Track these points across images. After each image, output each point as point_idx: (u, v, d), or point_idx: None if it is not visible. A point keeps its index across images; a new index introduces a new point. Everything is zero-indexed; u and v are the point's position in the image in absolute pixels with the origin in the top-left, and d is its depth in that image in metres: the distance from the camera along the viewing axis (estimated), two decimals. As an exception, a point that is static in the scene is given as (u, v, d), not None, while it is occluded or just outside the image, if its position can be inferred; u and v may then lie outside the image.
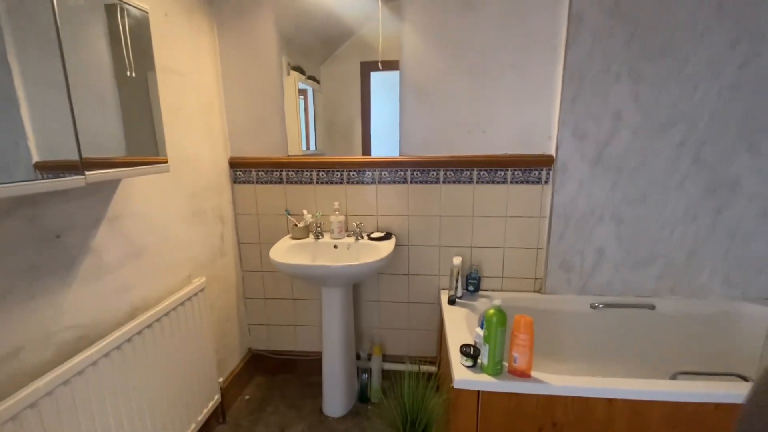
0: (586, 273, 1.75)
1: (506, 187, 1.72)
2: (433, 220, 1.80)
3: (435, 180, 1.76)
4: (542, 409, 1.20)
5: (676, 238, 1.68)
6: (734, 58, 1.51)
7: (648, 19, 1.50)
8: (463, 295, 1.76)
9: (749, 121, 1.55)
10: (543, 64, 1.61)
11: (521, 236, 1.77)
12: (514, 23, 1.58)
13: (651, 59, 1.53)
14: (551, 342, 1.74)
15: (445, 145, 1.73)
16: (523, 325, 1.18)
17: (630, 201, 1.66)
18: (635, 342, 1.71)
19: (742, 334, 1.64)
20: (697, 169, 1.61)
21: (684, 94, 1.55)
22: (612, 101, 1.57)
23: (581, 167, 1.64)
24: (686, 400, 1.15)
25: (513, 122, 1.67)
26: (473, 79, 1.65)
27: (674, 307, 1.70)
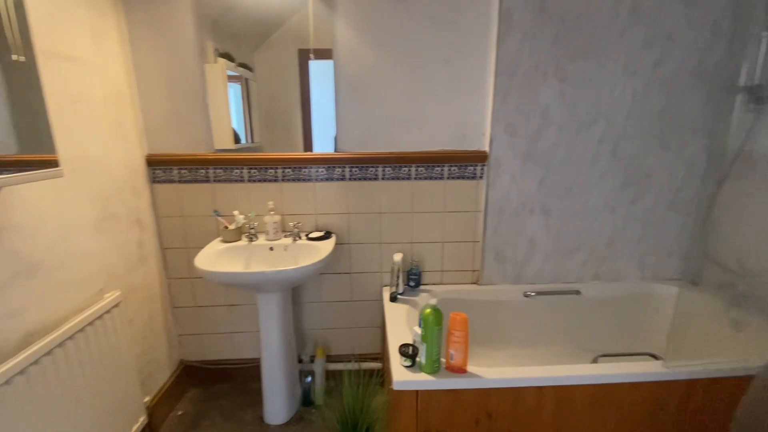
0: (519, 263, 1.83)
1: (444, 182, 1.73)
2: (373, 217, 1.77)
3: (374, 177, 1.72)
4: (478, 402, 1.24)
5: (598, 227, 1.81)
6: (648, 59, 1.62)
7: (572, 19, 1.56)
8: (405, 291, 1.77)
9: (661, 118, 1.69)
10: (476, 61, 1.62)
11: (459, 230, 1.80)
12: (447, 18, 1.57)
13: (575, 58, 1.60)
14: (489, 331, 1.81)
15: (383, 141, 1.70)
16: (458, 322, 1.20)
17: (557, 194, 1.75)
18: (564, 326, 1.83)
19: (654, 312, 1.82)
20: (615, 164, 1.73)
21: (603, 93, 1.64)
22: (540, 99, 1.63)
23: (513, 162, 1.70)
24: (605, 382, 1.24)
25: (448, 118, 1.68)
26: (408, 73, 1.63)
27: (597, 292, 1.83)
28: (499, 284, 1.84)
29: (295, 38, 1.63)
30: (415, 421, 1.23)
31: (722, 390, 1.28)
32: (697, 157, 1.74)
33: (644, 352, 1.50)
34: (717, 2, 1.58)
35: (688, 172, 1.76)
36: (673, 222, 1.82)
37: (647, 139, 1.71)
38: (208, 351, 1.89)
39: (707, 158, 1.75)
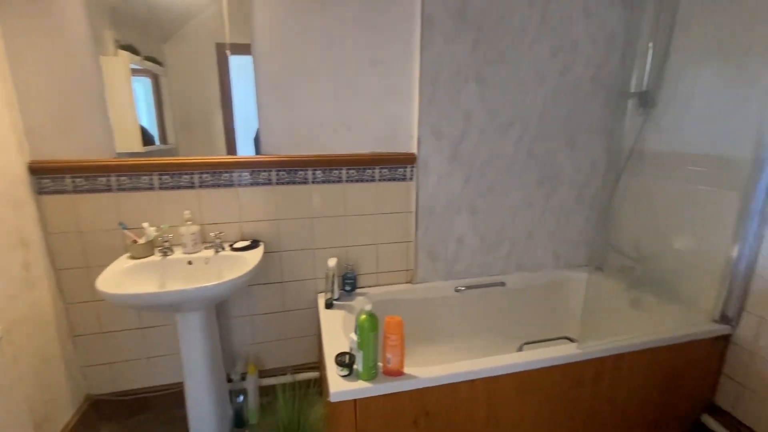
0: (449, 260, 1.89)
1: (375, 185, 1.73)
2: (305, 222, 1.70)
3: (303, 180, 1.66)
4: (416, 402, 1.25)
5: (518, 222, 1.94)
6: (555, 67, 1.76)
7: (489, 26, 1.63)
8: (341, 296, 1.73)
9: (568, 120, 1.85)
10: (402, 64, 1.63)
11: (392, 232, 1.81)
12: (371, 20, 1.56)
13: (492, 64, 1.68)
14: (424, 328, 1.85)
15: (312, 144, 1.64)
16: (393, 326, 1.20)
17: (481, 193, 1.84)
18: (492, 317, 1.94)
19: (568, 297, 2.00)
20: (531, 162, 1.87)
21: (518, 97, 1.75)
22: (462, 102, 1.69)
23: (440, 164, 1.74)
24: (529, 368, 1.33)
25: (377, 121, 1.67)
26: (335, 75, 1.58)
27: (519, 282, 1.97)
28: (432, 282, 1.89)
29: (211, 31, 1.50)
30: (355, 430, 1.21)
31: (626, 364, 1.44)
32: (599, 155, 1.95)
33: (562, 336, 1.64)
34: (612, 16, 1.77)
35: (592, 169, 1.96)
36: (580, 214, 2.01)
37: (557, 140, 1.86)
38: (121, 381, 1.68)
39: (607, 156, 1.96)
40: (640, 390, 1.51)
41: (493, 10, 1.62)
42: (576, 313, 1.83)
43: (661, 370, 1.51)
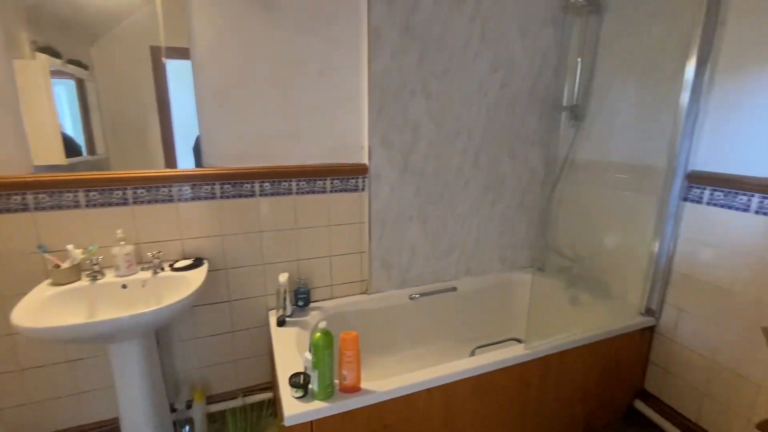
0: (403, 269, 1.92)
1: (327, 196, 1.70)
2: (253, 237, 1.63)
3: (251, 193, 1.59)
4: (374, 417, 1.24)
5: (466, 229, 2.01)
6: (495, 81, 1.86)
7: (433, 41, 1.69)
8: (293, 312, 1.68)
9: (509, 132, 1.95)
10: (351, 75, 1.63)
11: (346, 243, 1.79)
12: (319, 30, 1.54)
13: (438, 78, 1.73)
14: (380, 338, 1.85)
15: (259, 155, 1.58)
16: (349, 341, 1.18)
17: (431, 201, 1.88)
18: (445, 322, 1.98)
19: (514, 298, 2.11)
20: (477, 171, 1.95)
21: (463, 110, 1.83)
22: (411, 114, 1.72)
23: (391, 174, 1.76)
24: (482, 372, 1.37)
25: (328, 131, 1.65)
26: (283, 84, 1.55)
27: (469, 286, 2.04)
28: (386, 291, 1.89)
29: (144, 33, 1.40)
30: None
31: (569, 360, 1.54)
32: (537, 164, 2.08)
33: (510, 338, 1.72)
34: (545, 36, 1.90)
35: (531, 177, 2.09)
36: (522, 219, 2.14)
37: (500, 150, 1.96)
38: (45, 422, 1.49)
39: (544, 165, 2.09)
40: (581, 383, 1.62)
41: (436, 27, 1.68)
42: (522, 313, 1.93)
43: (598, 363, 1.63)
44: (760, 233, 1.35)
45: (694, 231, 1.56)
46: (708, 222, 1.51)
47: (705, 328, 1.55)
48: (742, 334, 1.43)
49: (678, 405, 1.67)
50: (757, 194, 1.35)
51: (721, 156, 1.47)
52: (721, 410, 1.51)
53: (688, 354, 1.61)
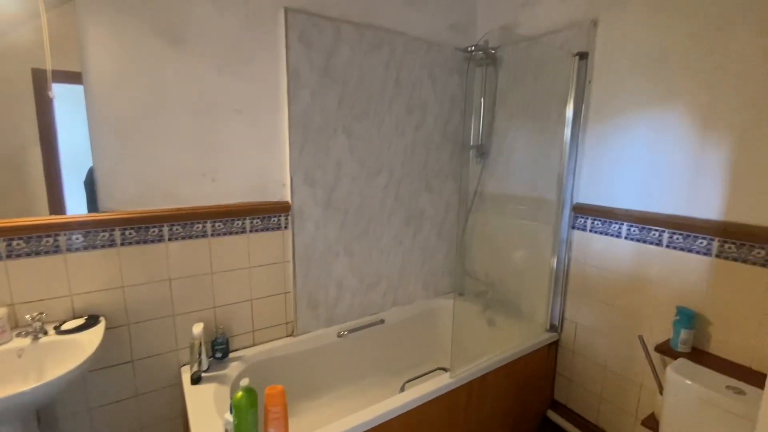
0: (330, 305, 1.89)
1: (246, 236, 1.62)
2: (161, 286, 1.47)
3: (158, 238, 1.45)
4: (305, 473, 1.18)
5: (391, 260, 2.07)
6: (411, 122, 1.99)
7: (352, 84, 1.76)
8: (210, 365, 1.54)
9: (425, 168, 2.09)
10: (270, 113, 1.61)
11: (268, 284, 1.71)
12: (236, 69, 1.51)
13: (358, 118, 1.80)
14: (309, 381, 1.77)
15: (168, 196, 1.46)
16: (275, 397, 1.12)
17: (356, 236, 1.91)
18: (375, 357, 1.98)
19: (440, 324, 2.19)
20: (398, 205, 2.03)
21: (383, 148, 1.91)
22: (333, 152, 1.75)
23: (315, 210, 1.75)
24: (413, 407, 1.40)
25: (246, 169, 1.60)
26: (195, 120, 1.46)
27: (396, 317, 2.08)
28: (314, 331, 1.84)
29: (25, 53, 1.22)
30: None
31: (489, 382, 1.65)
32: (451, 196, 2.24)
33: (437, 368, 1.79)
34: (452, 82, 2.10)
35: (447, 209, 2.24)
36: (441, 248, 2.27)
37: (418, 185, 2.08)
38: None
39: (457, 198, 2.27)
40: (501, 401, 1.73)
41: (354, 71, 1.75)
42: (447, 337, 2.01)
43: (514, 380, 1.77)
44: (629, 255, 1.63)
45: (582, 254, 1.81)
46: (592, 247, 1.77)
47: (595, 338, 1.78)
48: (624, 342, 1.67)
49: (581, 410, 1.88)
50: (625, 223, 1.63)
51: (597, 190, 1.74)
52: (613, 409, 1.74)
53: (585, 363, 1.84)
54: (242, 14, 1.49)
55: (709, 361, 1.34)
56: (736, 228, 1.32)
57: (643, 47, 1.53)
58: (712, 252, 1.38)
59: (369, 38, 1.77)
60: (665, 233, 1.50)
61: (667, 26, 1.46)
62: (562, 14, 1.79)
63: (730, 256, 1.34)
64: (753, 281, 1.29)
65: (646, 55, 1.52)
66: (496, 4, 2.08)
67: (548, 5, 1.84)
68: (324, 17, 1.64)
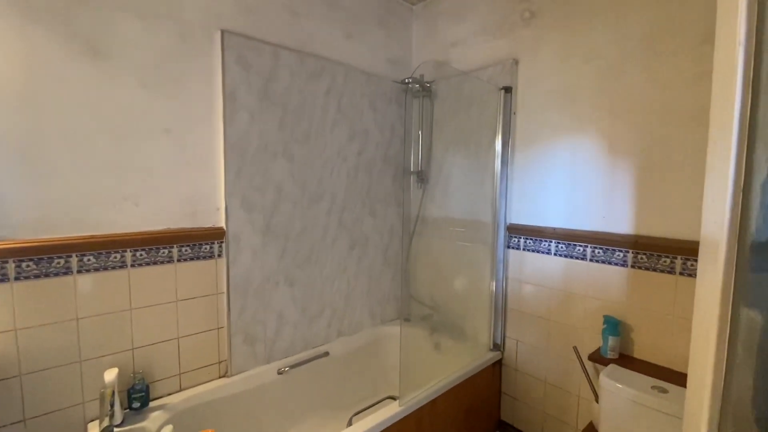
0: (270, 340, 1.75)
1: (173, 266, 1.47)
2: (65, 327, 1.27)
3: (64, 270, 1.26)
4: None
5: (336, 288, 2.00)
6: (353, 148, 2.00)
7: (293, 109, 1.74)
8: (126, 418, 1.32)
9: (368, 193, 2.10)
10: (203, 134, 1.53)
11: (199, 319, 1.55)
12: (165, 86, 1.42)
13: (299, 142, 1.78)
14: (246, 426, 1.60)
15: (78, 223, 1.29)
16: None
17: (298, 264, 1.83)
18: (320, 393, 1.86)
19: (387, 353, 2.13)
20: (342, 231, 2.00)
21: (325, 173, 1.89)
22: (273, 176, 1.70)
23: (253, 237, 1.66)
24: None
25: (175, 193, 1.47)
26: (115, 140, 1.34)
27: (342, 348, 1.98)
28: (251, 369, 1.68)
29: None
30: None
31: (439, 408, 1.61)
32: (395, 221, 2.27)
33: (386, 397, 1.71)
34: (391, 111, 2.18)
35: (391, 233, 2.25)
36: (386, 273, 2.25)
37: (361, 209, 2.08)
38: None
39: (401, 222, 2.30)
40: (451, 425, 1.70)
41: (295, 95, 1.75)
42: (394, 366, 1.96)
43: (463, 403, 1.75)
44: (560, 270, 1.74)
45: (517, 272, 1.90)
46: (526, 264, 1.86)
47: (535, 354, 1.84)
48: (561, 355, 1.75)
49: (526, 428, 1.90)
50: (554, 240, 1.75)
51: (528, 211, 1.87)
52: (556, 424, 1.78)
53: (527, 379, 1.88)
54: (176, 33, 1.43)
55: (635, 365, 1.44)
56: (645, 240, 1.48)
57: (556, 84, 1.72)
58: (627, 263, 1.53)
59: (309, 65, 1.79)
60: (588, 248, 1.64)
61: (573, 68, 1.67)
62: (488, 54, 1.97)
63: (642, 265, 1.49)
64: (662, 287, 1.44)
65: (559, 91, 1.72)
66: (429, 43, 2.24)
67: (475, 46, 2.02)
68: (263, 41, 1.64)
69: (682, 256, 1.39)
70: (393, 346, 2.13)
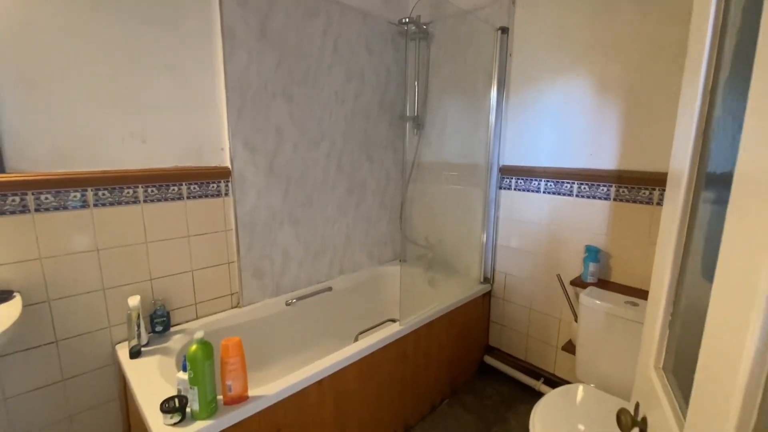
0: (277, 275, 1.87)
1: (183, 203, 1.54)
2: (86, 257, 1.34)
3: (81, 204, 1.31)
4: (266, 423, 1.18)
5: (336, 229, 2.10)
6: (350, 91, 2.02)
7: (290, 48, 1.74)
8: (150, 340, 1.44)
9: (365, 138, 2.14)
10: (205, 72, 1.53)
11: (210, 254, 1.64)
12: (164, 22, 1.41)
13: (298, 84, 1.79)
14: (260, 351, 1.74)
15: (93, 158, 1.33)
16: (232, 348, 1.11)
17: (301, 204, 1.91)
18: (325, 322, 2.01)
19: (386, 289, 2.28)
20: (341, 175, 2.07)
21: (324, 116, 1.93)
22: (273, 117, 1.73)
23: (257, 177, 1.72)
24: (366, 354, 1.46)
25: (180, 132, 1.51)
26: (119, 74, 1.34)
27: (344, 284, 2.12)
28: (260, 301, 1.81)
29: None
30: (197, 482, 1.04)
31: (435, 330, 1.78)
32: (391, 166, 2.33)
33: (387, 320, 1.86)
34: (387, 54, 2.17)
35: (387, 178, 2.33)
36: (384, 217, 2.35)
37: (360, 155, 2.14)
38: None
39: (397, 167, 2.37)
40: (444, 348, 1.88)
41: (292, 35, 1.74)
42: (393, 300, 2.12)
43: (456, 328, 1.93)
44: (548, 207, 1.86)
45: (508, 211, 2.02)
46: (517, 204, 1.98)
47: (522, 285, 2.01)
48: (546, 284, 1.91)
49: (512, 350, 2.10)
50: (543, 179, 1.85)
51: (520, 152, 1.95)
52: (538, 344, 1.98)
53: (514, 308, 2.06)
54: (169, -36, 1.40)
55: (611, 287, 1.60)
56: (628, 174, 1.58)
57: (552, 24, 1.75)
58: (610, 196, 1.65)
59: (305, 3, 1.76)
60: (575, 184, 1.75)
61: (569, 6, 1.68)
62: (485, -7, 1.96)
63: (623, 198, 1.61)
64: (640, 217, 1.57)
65: (555, 31, 1.74)
66: (425, -19, 2.20)
67: (472, -16, 2.00)
68: (258, -24, 1.60)
69: (660, 188, 1.51)
70: (391, 282, 2.27)
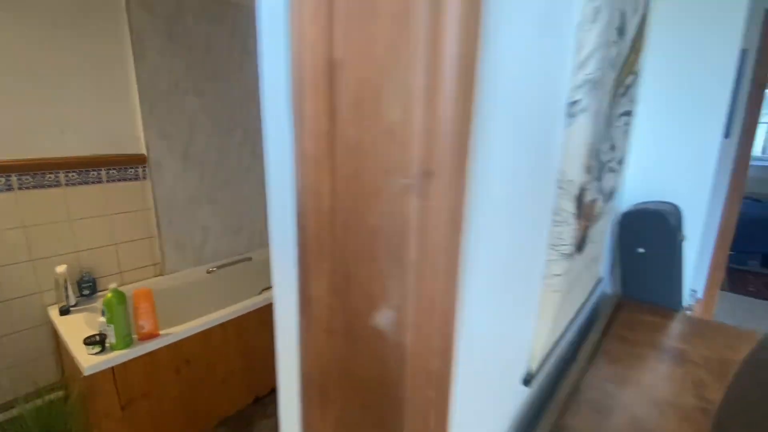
0: (197, 247, 2.15)
1: (103, 186, 1.79)
2: (13, 234, 1.57)
3: (6, 187, 1.54)
4: (174, 355, 1.50)
5: (255, 208, 2.41)
6: (260, 87, 2.31)
7: (199, 50, 2.00)
8: (78, 302, 1.70)
9: (276, 127, 2.44)
10: (118, 70, 1.77)
11: (132, 229, 1.90)
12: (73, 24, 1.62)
13: (209, 80, 2.06)
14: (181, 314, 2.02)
15: (15, 147, 1.55)
16: (142, 296, 1.41)
17: (218, 186, 2.19)
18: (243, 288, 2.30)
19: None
20: (256, 160, 2.36)
21: (236, 109, 2.21)
22: (186, 110, 1.99)
23: (173, 163, 1.98)
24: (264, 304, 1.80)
25: (96, 123, 1.74)
26: (34, 77, 1.56)
27: (263, 256, 2.44)
28: (182, 270, 2.09)
29: None
30: (117, 396, 1.35)
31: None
32: (305, 153, 2.65)
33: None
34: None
35: (303, 163, 2.65)
36: (301, 197, 2.68)
37: (273, 142, 2.44)
38: None
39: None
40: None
41: (201, 37, 1.99)
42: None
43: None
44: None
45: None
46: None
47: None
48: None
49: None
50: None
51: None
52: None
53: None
54: (77, -23, 1.62)
55: None
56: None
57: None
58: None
59: (211, 9, 2.02)
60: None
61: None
62: None
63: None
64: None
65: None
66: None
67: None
68: (164, -13, 1.84)
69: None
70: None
